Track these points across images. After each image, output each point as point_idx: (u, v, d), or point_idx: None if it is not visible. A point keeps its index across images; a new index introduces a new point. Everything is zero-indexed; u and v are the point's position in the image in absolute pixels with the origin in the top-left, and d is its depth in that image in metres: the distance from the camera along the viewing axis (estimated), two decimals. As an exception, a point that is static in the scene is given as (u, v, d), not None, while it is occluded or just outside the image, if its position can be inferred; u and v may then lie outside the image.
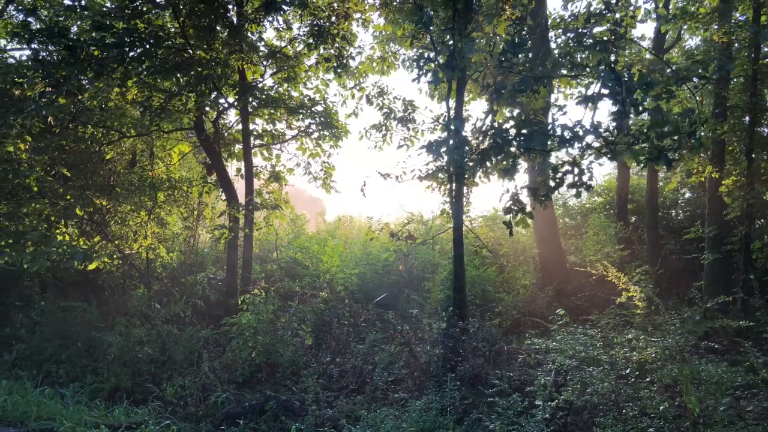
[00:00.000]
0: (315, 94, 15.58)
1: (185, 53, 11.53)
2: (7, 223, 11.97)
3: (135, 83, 11.56)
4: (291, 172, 16.30)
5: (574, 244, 21.32)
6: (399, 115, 14.78)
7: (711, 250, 15.72)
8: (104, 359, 11.34)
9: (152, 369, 11.51)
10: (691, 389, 6.84)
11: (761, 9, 14.86)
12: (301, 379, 11.31)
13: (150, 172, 14.46)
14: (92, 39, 10.21)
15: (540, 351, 11.35)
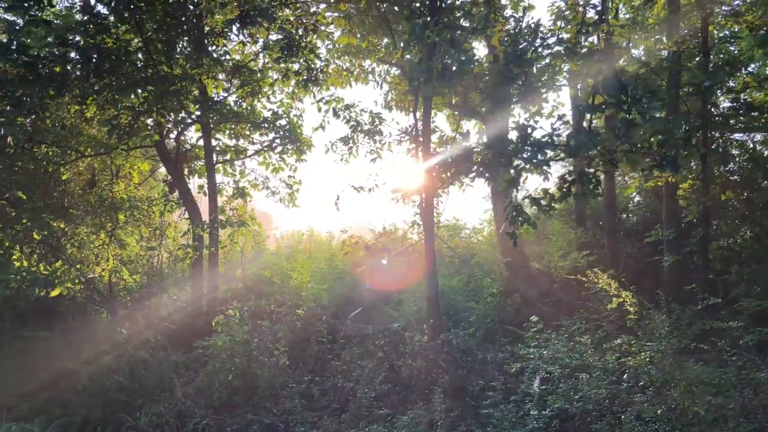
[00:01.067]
0: (279, 108, 15.34)
1: (149, 69, 11.16)
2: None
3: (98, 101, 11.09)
4: (256, 187, 16.00)
5: (536, 251, 21.63)
6: (366, 127, 14.71)
7: (670, 253, 16.18)
8: (71, 390, 10.78)
9: (123, 398, 11.00)
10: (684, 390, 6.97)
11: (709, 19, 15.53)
12: (280, 400, 11.02)
13: (110, 192, 13.90)
14: (53, 55, 9.77)
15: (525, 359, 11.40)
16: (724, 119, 16.37)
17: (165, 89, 10.94)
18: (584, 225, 21.27)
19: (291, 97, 15.20)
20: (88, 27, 9.83)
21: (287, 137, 15.73)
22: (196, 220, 14.81)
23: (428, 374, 11.45)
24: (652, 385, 7.69)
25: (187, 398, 11.01)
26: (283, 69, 13.72)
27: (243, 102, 14.87)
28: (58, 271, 11.86)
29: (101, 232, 14.00)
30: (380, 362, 11.77)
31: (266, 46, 13.82)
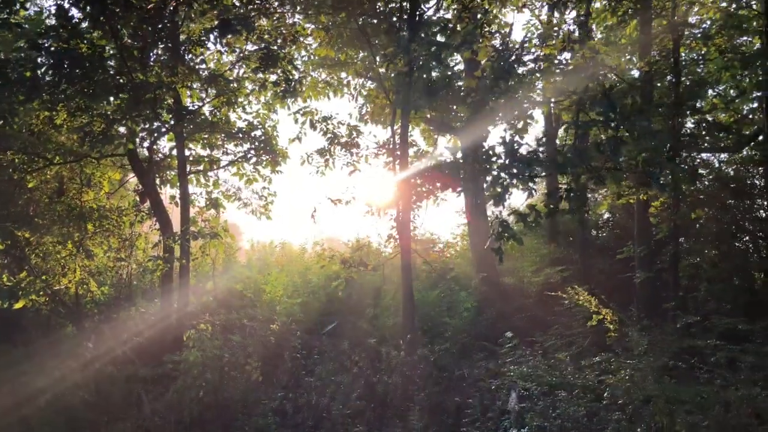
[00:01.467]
0: (255, 119, 15.16)
1: (123, 76, 10.91)
2: None
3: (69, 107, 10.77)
4: (229, 198, 15.74)
5: (508, 267, 21.70)
6: (343, 140, 14.62)
7: (642, 269, 16.36)
8: (33, 407, 10.36)
9: (88, 415, 10.63)
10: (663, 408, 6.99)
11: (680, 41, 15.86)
12: (252, 417, 10.76)
13: (79, 201, 13.51)
14: (23, 59, 9.47)
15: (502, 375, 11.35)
16: (692, 138, 16.69)
17: (139, 97, 10.69)
18: (556, 241, 21.44)
19: (267, 108, 15.03)
20: (60, 32, 9.56)
21: (262, 148, 15.54)
22: (168, 231, 14.47)
23: (404, 391, 11.32)
24: (632, 404, 7.70)
25: (155, 415, 10.69)
26: (260, 79, 13.57)
27: (218, 112, 14.64)
28: (22, 282, 11.43)
29: (68, 243, 13.56)
30: (355, 378, 11.59)
31: (243, 56, 13.66)
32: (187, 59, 12.38)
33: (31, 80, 9.46)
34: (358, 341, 13.48)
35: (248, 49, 13.58)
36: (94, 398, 10.87)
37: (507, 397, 10.66)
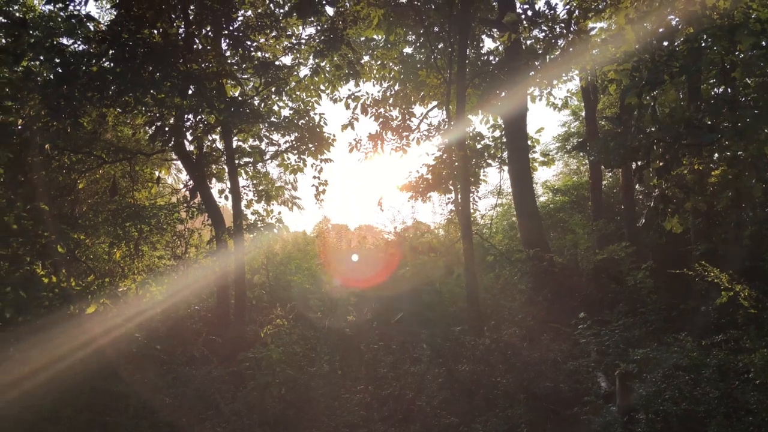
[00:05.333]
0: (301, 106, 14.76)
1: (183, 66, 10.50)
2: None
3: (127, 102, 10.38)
4: (280, 190, 15.38)
5: (554, 245, 21.34)
6: (395, 123, 14.21)
7: (701, 241, 15.97)
8: (119, 413, 10.07)
9: (167, 417, 10.33)
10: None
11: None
12: (336, 412, 10.46)
13: (131, 199, 13.16)
14: (90, 54, 9.06)
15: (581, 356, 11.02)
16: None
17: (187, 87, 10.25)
18: (602, 216, 21.04)
19: (315, 95, 14.61)
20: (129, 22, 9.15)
21: (308, 137, 15.16)
22: (220, 226, 14.15)
23: (488, 377, 11.00)
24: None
25: (234, 415, 10.40)
26: (314, 65, 13.15)
27: (266, 102, 14.23)
28: (91, 286, 11.11)
29: (123, 244, 13.24)
30: (435, 367, 11.27)
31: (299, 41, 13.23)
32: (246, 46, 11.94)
33: (98, 75, 9.06)
34: (430, 329, 13.15)
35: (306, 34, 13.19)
36: (172, 400, 10.56)
37: (600, 380, 10.36)
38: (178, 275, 15.76)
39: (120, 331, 12.45)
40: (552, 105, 20.25)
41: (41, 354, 11.15)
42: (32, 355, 11.16)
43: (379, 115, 14.32)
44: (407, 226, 17.76)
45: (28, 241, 11.50)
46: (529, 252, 17.40)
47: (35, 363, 11.02)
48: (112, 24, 9.36)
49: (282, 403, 10.53)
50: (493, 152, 17.97)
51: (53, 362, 11.07)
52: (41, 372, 10.89)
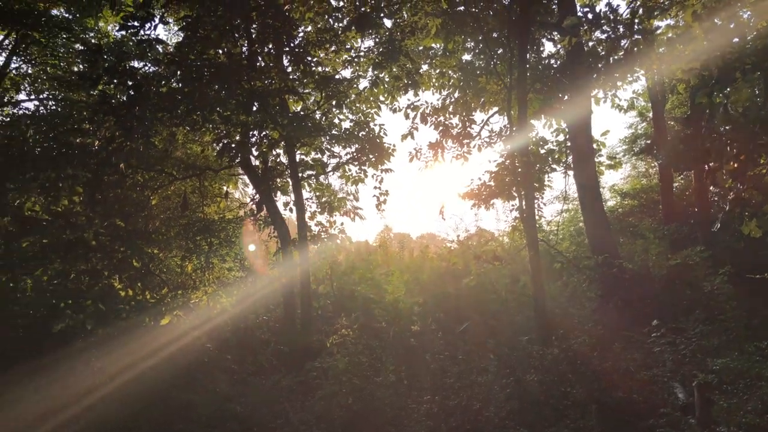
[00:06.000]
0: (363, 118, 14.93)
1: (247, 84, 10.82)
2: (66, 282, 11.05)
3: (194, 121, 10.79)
4: (342, 201, 15.57)
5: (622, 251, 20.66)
6: (455, 131, 14.15)
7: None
8: (189, 420, 10.39)
9: (237, 427, 10.57)
10: None
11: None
12: (403, 422, 10.43)
13: (201, 214, 13.62)
14: (160, 75, 9.49)
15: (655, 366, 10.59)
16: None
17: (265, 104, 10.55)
18: (672, 221, 20.24)
19: (375, 106, 14.75)
20: (196, 44, 9.53)
21: (368, 148, 15.29)
22: (286, 238, 14.43)
23: (557, 388, 10.73)
24: None
25: (303, 424, 10.53)
26: (372, 77, 13.29)
27: (326, 116, 14.49)
28: (165, 298, 11.54)
29: (194, 257, 13.70)
30: (502, 377, 11.08)
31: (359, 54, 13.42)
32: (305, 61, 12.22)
33: (168, 96, 9.46)
34: (496, 339, 12.97)
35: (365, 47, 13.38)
36: (242, 408, 10.80)
37: (677, 391, 9.94)
38: (247, 287, 16.17)
39: (192, 341, 12.88)
40: (617, 107, 19.71)
41: (118, 363, 11.67)
42: (110, 364, 11.70)
43: (439, 123, 14.31)
44: (470, 234, 17.62)
45: (106, 256, 12.11)
46: (597, 258, 16.91)
47: (113, 371, 11.54)
48: (180, 46, 9.78)
49: (349, 413, 10.60)
50: (558, 157, 17.60)
51: (129, 371, 11.56)
52: (118, 380, 11.39)
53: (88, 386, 11.52)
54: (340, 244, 15.33)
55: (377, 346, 12.01)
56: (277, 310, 15.86)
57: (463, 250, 14.02)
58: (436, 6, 12.41)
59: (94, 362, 11.99)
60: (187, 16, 9.94)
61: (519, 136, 13.40)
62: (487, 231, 17.72)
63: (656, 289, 16.87)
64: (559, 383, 10.81)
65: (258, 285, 16.46)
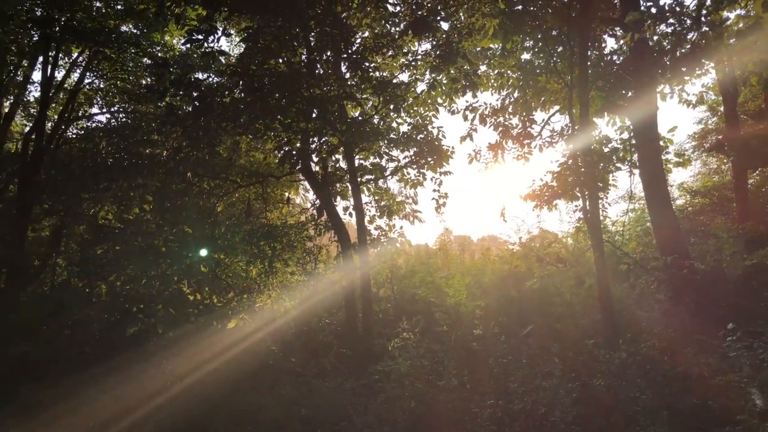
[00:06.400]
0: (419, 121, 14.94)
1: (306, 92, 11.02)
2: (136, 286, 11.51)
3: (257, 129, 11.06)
4: (401, 205, 15.61)
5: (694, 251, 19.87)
6: (516, 131, 13.96)
7: None
8: (252, 422, 10.62)
9: (301, 428, 10.73)
10: None
11: None
12: (467, 426, 10.34)
13: (264, 219, 13.95)
14: (223, 86, 9.79)
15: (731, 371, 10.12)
16: None
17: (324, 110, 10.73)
18: (748, 219, 19.32)
19: (433, 109, 14.73)
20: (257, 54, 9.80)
21: (426, 151, 15.27)
22: (346, 242, 14.58)
23: (625, 393, 10.40)
24: None
25: (366, 427, 10.58)
26: (430, 80, 13.29)
27: (385, 120, 14.58)
28: (232, 302, 11.87)
29: (258, 261, 14.03)
30: (567, 382, 10.83)
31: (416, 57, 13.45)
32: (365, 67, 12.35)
33: (231, 106, 9.75)
34: (561, 342, 12.71)
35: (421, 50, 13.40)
36: (307, 411, 10.95)
37: (755, 397, 9.47)
38: (309, 290, 16.43)
39: (257, 344, 13.18)
40: (685, 102, 18.94)
41: (187, 365, 12.07)
42: (179, 366, 12.11)
43: (498, 124, 14.16)
44: (533, 235, 17.32)
45: (175, 262, 12.54)
46: (666, 259, 16.30)
47: (182, 373, 11.94)
48: (242, 57, 10.07)
49: (412, 417, 10.60)
50: (622, 155, 17.08)
51: (197, 373, 11.93)
52: (187, 381, 11.77)
53: (159, 387, 11.97)
54: (400, 247, 15.36)
55: (439, 349, 11.96)
56: (339, 314, 16.04)
57: (526, 252, 13.77)
58: (494, 6, 12.30)
59: (164, 364, 12.43)
60: (248, 28, 10.25)
61: (581, 135, 13.11)
62: (549, 232, 17.36)
63: (731, 291, 16.12)
64: (628, 388, 10.47)
65: (319, 289, 16.70)
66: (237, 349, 12.60)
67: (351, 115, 14.69)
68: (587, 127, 12.98)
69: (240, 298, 12.27)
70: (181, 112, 9.49)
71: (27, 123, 20.99)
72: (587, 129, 13.00)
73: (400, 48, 13.16)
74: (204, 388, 11.56)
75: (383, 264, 15.76)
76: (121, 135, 15.16)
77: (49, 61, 17.91)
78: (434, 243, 22.70)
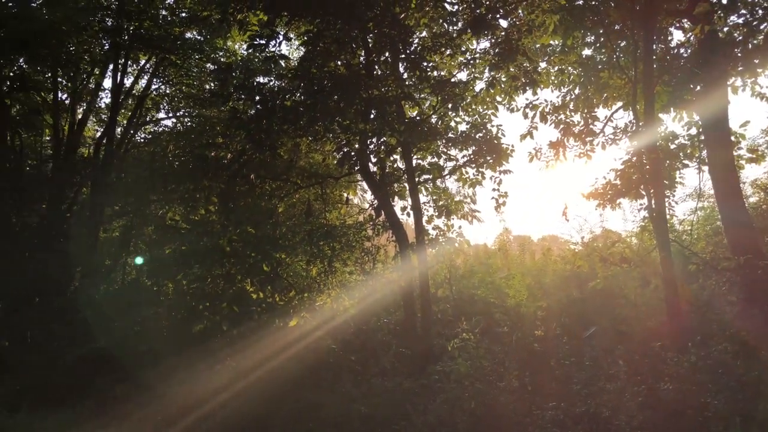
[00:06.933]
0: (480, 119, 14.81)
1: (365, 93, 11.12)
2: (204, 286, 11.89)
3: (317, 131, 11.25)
4: (460, 204, 15.52)
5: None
6: (577, 129, 13.67)
7: None
8: (318, 420, 10.79)
9: (361, 427, 10.82)
10: None
11: None
12: (528, 428, 10.20)
13: (324, 220, 14.15)
14: (284, 89, 10.01)
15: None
16: None
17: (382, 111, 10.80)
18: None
19: (493, 107, 14.58)
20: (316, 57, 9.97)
21: (485, 150, 15.12)
22: (404, 242, 14.61)
23: (696, 398, 10.04)
24: None
25: (426, 427, 10.58)
26: (489, 78, 13.18)
27: (443, 119, 14.53)
28: (293, 300, 12.11)
29: (318, 261, 14.24)
30: (633, 385, 10.54)
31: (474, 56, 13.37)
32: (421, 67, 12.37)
33: (292, 109, 9.95)
34: (626, 345, 12.38)
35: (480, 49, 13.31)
36: (367, 409, 11.04)
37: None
38: (367, 290, 16.55)
39: (318, 342, 13.40)
40: (758, 95, 18.11)
41: (250, 362, 12.39)
42: (242, 362, 12.44)
43: (559, 121, 13.91)
44: (595, 235, 16.92)
45: (239, 262, 12.90)
46: (739, 259, 15.63)
47: (245, 369, 12.25)
48: (302, 60, 10.26)
49: (472, 418, 10.53)
50: (690, 152, 16.49)
51: (260, 369, 12.22)
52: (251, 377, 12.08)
53: (224, 383, 12.34)
54: (458, 247, 15.28)
55: (499, 350, 11.85)
56: (397, 314, 16.08)
57: (588, 252, 13.46)
58: (554, 2, 12.08)
59: (229, 361, 12.81)
60: (308, 31, 10.44)
61: (646, 132, 12.72)
62: (613, 232, 16.91)
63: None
64: (698, 393, 10.11)
65: (377, 288, 16.80)
66: (298, 347, 12.84)
67: (409, 115, 14.71)
68: (652, 123, 12.57)
69: (301, 297, 12.50)
70: (243, 115, 9.76)
71: (98, 128, 22.02)
72: (652, 125, 12.59)
73: (459, 47, 13.10)
74: (266, 384, 11.83)
75: (441, 264, 15.69)
76: (186, 138, 15.73)
77: (119, 68, 18.74)
78: (493, 243, 22.49)
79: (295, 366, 12.26)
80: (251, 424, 11.16)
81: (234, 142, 9.89)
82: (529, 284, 17.00)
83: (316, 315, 13.46)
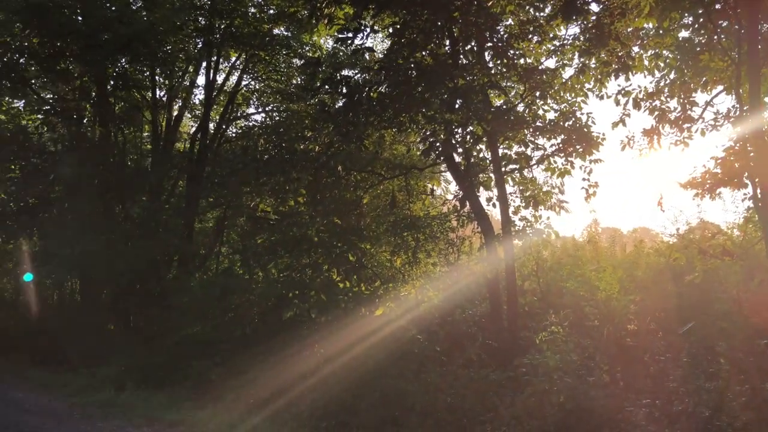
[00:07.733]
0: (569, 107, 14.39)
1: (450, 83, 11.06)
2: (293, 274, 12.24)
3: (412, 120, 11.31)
4: (547, 195, 15.18)
5: None
6: (673, 115, 13.03)
7: None
8: (401, 408, 10.89)
9: (447, 417, 10.82)
10: None
11: None
12: (621, 425, 9.87)
13: (408, 211, 14.23)
14: (370, 82, 10.13)
15: None
16: None
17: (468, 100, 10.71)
18: None
19: (582, 94, 14.13)
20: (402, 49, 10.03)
21: (574, 138, 14.67)
22: (490, 234, 14.45)
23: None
24: None
25: (513, 419, 10.45)
26: (579, 64, 12.78)
27: (531, 107, 14.23)
28: (378, 290, 12.28)
29: (402, 252, 14.34)
30: (738, 385, 9.97)
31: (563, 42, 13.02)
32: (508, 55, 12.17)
33: (378, 100, 10.06)
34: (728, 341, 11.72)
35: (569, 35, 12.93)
36: (453, 399, 11.04)
37: None
38: (451, 281, 16.51)
39: (402, 331, 13.51)
40: None
41: (337, 349, 12.66)
42: (330, 349, 12.74)
43: (654, 108, 13.28)
44: (691, 226, 16.07)
45: (326, 251, 13.21)
46: None
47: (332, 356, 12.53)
48: (388, 52, 10.34)
49: (561, 412, 10.30)
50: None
51: (346, 356, 12.46)
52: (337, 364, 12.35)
53: (312, 368, 12.69)
54: (546, 239, 14.95)
55: (589, 344, 11.51)
56: (482, 305, 15.95)
57: (685, 245, 12.80)
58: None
59: (317, 347, 13.15)
60: (393, 23, 10.50)
61: (751, 117, 11.93)
62: (711, 223, 16.02)
63: None
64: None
65: (461, 280, 16.71)
66: (383, 335, 13.01)
67: (495, 103, 14.50)
68: (758, 107, 11.79)
69: (386, 287, 12.66)
70: (331, 108, 9.96)
71: (193, 124, 23.12)
72: (758, 110, 11.80)
73: (547, 33, 12.77)
74: (352, 371, 12.05)
75: (528, 256, 15.40)
76: (276, 132, 16.24)
77: (211, 66, 19.59)
78: (581, 235, 21.79)
79: (380, 354, 12.40)
80: (338, 409, 11.40)
81: (322, 135, 10.14)
82: (620, 277, 16.37)
83: (400, 305, 13.57)
